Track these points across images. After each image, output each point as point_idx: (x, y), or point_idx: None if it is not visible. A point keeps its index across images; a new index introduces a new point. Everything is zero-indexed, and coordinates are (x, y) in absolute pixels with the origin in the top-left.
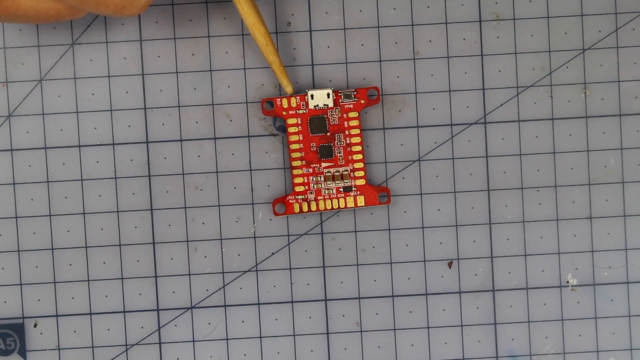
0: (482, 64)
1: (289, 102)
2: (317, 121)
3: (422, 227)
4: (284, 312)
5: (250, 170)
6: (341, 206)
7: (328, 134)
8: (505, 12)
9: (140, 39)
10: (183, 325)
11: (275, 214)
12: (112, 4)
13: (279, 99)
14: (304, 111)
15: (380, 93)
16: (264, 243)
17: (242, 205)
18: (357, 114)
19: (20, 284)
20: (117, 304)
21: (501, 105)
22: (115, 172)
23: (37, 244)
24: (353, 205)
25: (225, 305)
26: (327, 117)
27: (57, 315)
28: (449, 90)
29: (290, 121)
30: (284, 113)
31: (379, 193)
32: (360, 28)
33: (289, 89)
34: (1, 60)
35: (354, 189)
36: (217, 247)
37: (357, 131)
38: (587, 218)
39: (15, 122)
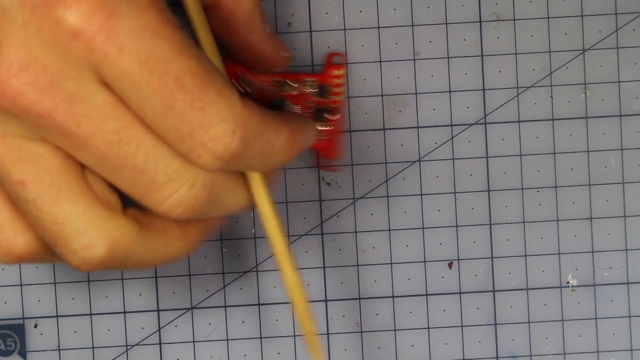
0: (482, 65)
1: None
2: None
3: (422, 228)
4: (284, 312)
5: None
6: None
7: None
8: (505, 12)
9: None
10: (183, 325)
11: None
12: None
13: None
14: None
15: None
16: (264, 243)
17: None
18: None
19: (21, 285)
20: (117, 304)
21: (501, 105)
22: None
23: None
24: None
25: (225, 306)
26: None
27: (57, 316)
28: (449, 91)
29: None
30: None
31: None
32: (360, 28)
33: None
34: None
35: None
36: (218, 247)
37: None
38: (587, 219)
39: None
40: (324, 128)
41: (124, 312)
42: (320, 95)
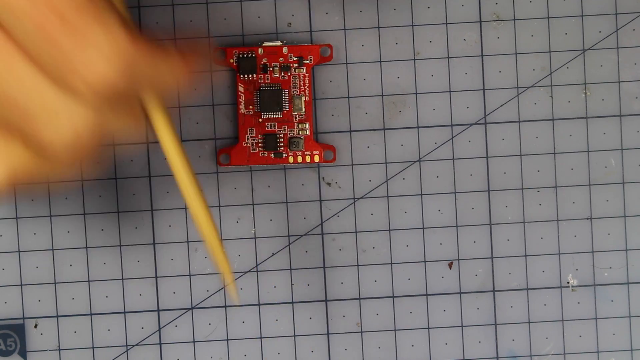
0: (483, 65)
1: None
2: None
3: (423, 228)
4: (284, 312)
5: (251, 170)
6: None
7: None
8: (505, 12)
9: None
10: (183, 325)
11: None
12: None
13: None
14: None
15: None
16: (264, 244)
17: (242, 206)
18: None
19: (21, 285)
20: (117, 304)
21: (501, 105)
22: (115, 172)
23: (38, 244)
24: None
25: (225, 306)
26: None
27: (57, 316)
28: (449, 91)
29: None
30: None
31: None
32: (360, 28)
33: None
34: None
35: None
36: None
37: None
38: (587, 219)
39: None
40: None
41: (124, 312)
42: None
